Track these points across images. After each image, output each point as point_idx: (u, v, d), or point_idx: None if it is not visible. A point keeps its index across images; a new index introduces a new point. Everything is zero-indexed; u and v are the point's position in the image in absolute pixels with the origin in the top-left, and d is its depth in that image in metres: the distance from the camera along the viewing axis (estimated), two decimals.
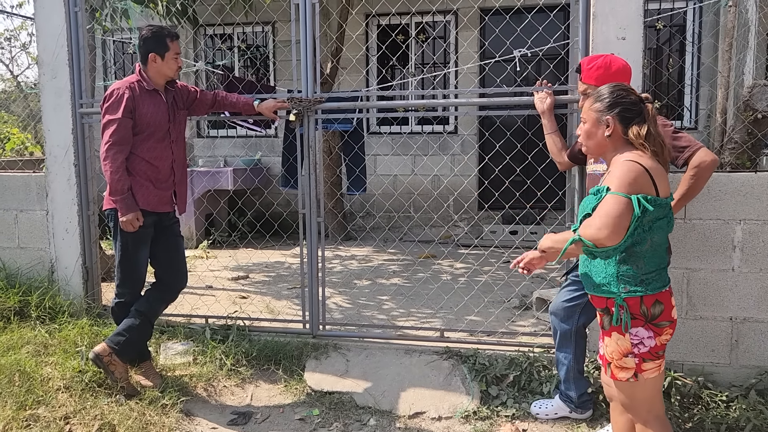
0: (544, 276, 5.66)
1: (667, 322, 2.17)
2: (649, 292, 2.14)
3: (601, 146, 2.25)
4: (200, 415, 3.24)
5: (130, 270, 3.36)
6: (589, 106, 2.25)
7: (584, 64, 2.82)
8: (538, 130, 4.38)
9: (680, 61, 7.89)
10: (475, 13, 7.87)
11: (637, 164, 2.10)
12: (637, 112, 2.17)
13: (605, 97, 2.21)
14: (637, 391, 2.23)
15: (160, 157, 3.34)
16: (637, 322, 2.15)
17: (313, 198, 3.89)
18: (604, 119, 2.20)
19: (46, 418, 3.04)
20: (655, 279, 2.15)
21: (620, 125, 2.18)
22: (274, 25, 8.66)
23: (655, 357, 2.18)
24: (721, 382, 3.26)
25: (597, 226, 2.06)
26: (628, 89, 2.22)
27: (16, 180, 4.39)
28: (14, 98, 14.42)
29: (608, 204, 2.06)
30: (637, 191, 2.06)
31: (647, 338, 2.15)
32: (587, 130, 2.27)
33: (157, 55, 3.28)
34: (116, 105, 3.21)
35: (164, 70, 3.33)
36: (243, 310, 4.56)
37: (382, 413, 3.27)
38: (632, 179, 2.06)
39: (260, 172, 8.30)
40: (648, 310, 2.14)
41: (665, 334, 2.18)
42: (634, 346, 2.16)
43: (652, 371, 2.19)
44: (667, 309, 2.17)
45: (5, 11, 12.58)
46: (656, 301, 2.14)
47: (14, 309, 4.15)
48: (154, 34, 3.29)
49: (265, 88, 5.25)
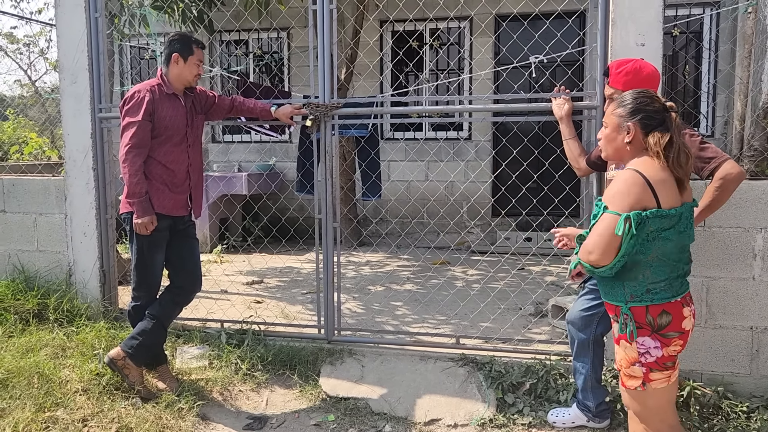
0: (559, 284, 5.62)
1: (675, 333, 2.12)
2: (656, 301, 2.10)
3: (620, 152, 2.22)
4: (216, 419, 3.25)
5: (146, 273, 3.38)
6: (612, 111, 2.23)
7: (613, 67, 2.79)
8: (554, 137, 4.36)
9: (697, 68, 7.83)
10: (491, 19, 7.87)
11: (637, 174, 2.06)
12: (659, 120, 2.13)
13: (628, 103, 2.18)
14: (647, 400, 2.19)
15: (176, 161, 3.36)
16: (643, 332, 2.12)
17: (329, 203, 3.90)
18: (625, 125, 2.17)
19: (65, 420, 3.06)
20: (663, 289, 2.11)
21: (641, 132, 2.14)
22: (290, 32, 8.71)
23: (662, 368, 2.14)
24: (741, 392, 3.21)
25: (588, 249, 2.09)
26: (652, 96, 2.18)
27: (36, 184, 4.44)
28: (32, 103, 14.62)
29: (601, 224, 2.07)
30: (633, 206, 2.03)
31: (654, 348, 2.12)
32: (607, 134, 2.24)
33: (180, 57, 3.31)
34: (137, 108, 3.24)
35: (185, 74, 3.35)
36: (258, 315, 4.58)
37: (398, 420, 3.25)
38: (628, 193, 2.04)
39: (275, 178, 8.34)
40: (654, 320, 2.10)
41: (674, 345, 2.13)
42: (641, 355, 2.14)
43: (661, 381, 2.16)
44: (677, 320, 2.12)
45: (25, 17, 12.76)
46: (663, 311, 2.10)
47: (33, 311, 4.19)
48: (181, 37, 3.36)
49: (281, 94, 5.28)
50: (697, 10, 7.58)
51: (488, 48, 8.02)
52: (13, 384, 3.29)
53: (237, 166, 8.79)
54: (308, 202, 8.15)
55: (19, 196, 4.48)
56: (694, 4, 7.44)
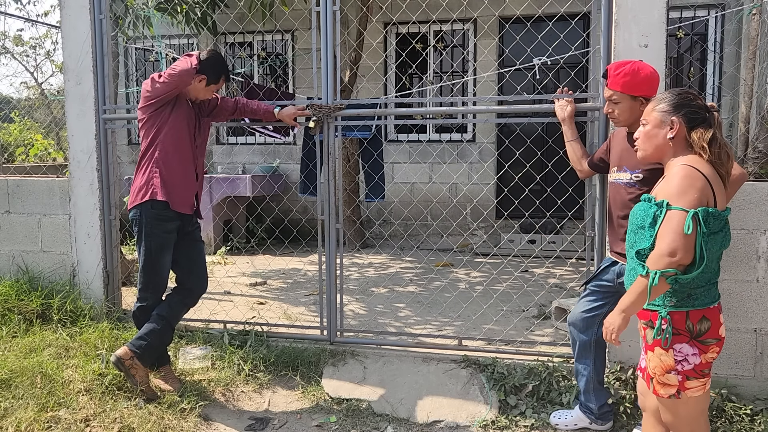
0: (563, 286, 5.61)
1: (713, 339, 2.08)
2: (697, 307, 2.05)
3: (661, 149, 2.17)
4: (218, 420, 3.25)
5: (154, 275, 3.39)
6: (653, 108, 2.19)
7: (611, 69, 2.79)
8: (557, 139, 4.36)
9: (702, 70, 7.81)
10: (495, 21, 7.87)
11: (693, 169, 2.01)
12: (703, 116, 2.10)
13: (671, 99, 2.15)
14: (680, 408, 2.14)
15: (187, 159, 3.41)
16: (681, 338, 2.07)
17: (332, 205, 3.91)
18: (668, 120, 2.13)
19: (67, 420, 3.07)
20: (704, 294, 2.07)
21: (685, 127, 2.10)
22: (294, 33, 8.73)
23: (699, 375, 2.09)
24: (745, 395, 3.20)
25: (668, 252, 1.96)
26: (695, 94, 2.16)
27: (40, 184, 4.46)
28: (38, 105, 14.69)
29: (671, 222, 1.97)
30: (700, 200, 1.96)
31: (692, 355, 2.07)
32: (648, 131, 2.19)
33: (205, 79, 3.34)
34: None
35: (199, 94, 3.41)
36: (261, 316, 4.58)
37: (400, 421, 3.25)
38: (692, 188, 1.97)
39: (278, 179, 8.35)
40: (694, 326, 2.05)
41: (711, 351, 2.09)
42: (678, 362, 2.08)
43: (697, 390, 2.10)
44: (715, 326, 2.07)
45: (31, 20, 12.83)
46: (703, 317, 2.06)
47: (37, 312, 4.21)
48: (216, 62, 3.37)
49: (285, 95, 5.29)
50: (701, 11, 7.56)
51: (492, 50, 8.02)
52: (17, 384, 3.31)
53: (241, 167, 8.81)
54: (311, 204, 8.16)
55: (23, 196, 4.50)
56: (699, 6, 7.43)
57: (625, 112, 2.76)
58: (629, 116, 2.75)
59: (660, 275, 1.97)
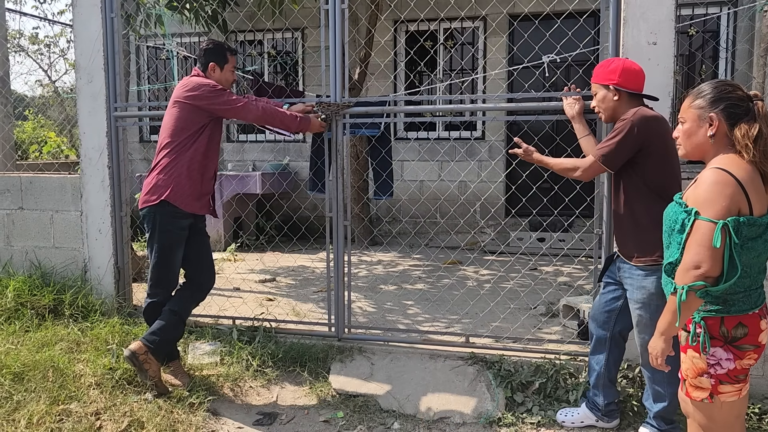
0: (571, 283, 5.60)
1: (751, 346, 1.96)
2: (732, 313, 1.94)
3: (700, 148, 2.02)
4: (226, 414, 3.28)
5: (166, 272, 3.42)
6: (690, 104, 2.04)
7: (596, 67, 2.87)
8: (566, 136, 4.35)
9: (713, 67, 7.76)
10: (504, 18, 7.85)
11: (726, 174, 1.87)
12: (745, 109, 1.93)
13: (707, 93, 1.99)
14: (714, 413, 2.03)
15: (214, 159, 3.48)
16: (715, 342, 1.96)
17: (340, 202, 3.92)
18: (706, 116, 1.97)
19: (78, 413, 3.11)
20: (741, 300, 1.94)
21: (726, 123, 1.95)
22: (303, 31, 8.76)
23: (734, 381, 1.98)
24: (753, 393, 3.18)
25: (693, 265, 1.87)
26: (734, 84, 1.99)
27: (53, 181, 4.52)
28: (52, 103, 14.82)
29: (698, 234, 1.87)
30: (729, 210, 1.84)
31: (725, 360, 1.96)
32: (687, 129, 2.04)
33: (217, 66, 3.44)
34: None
35: (222, 81, 3.47)
36: (269, 312, 4.61)
37: (406, 417, 3.27)
38: (722, 196, 1.85)
39: (288, 177, 8.39)
40: (729, 332, 1.95)
41: (748, 358, 1.97)
42: (710, 366, 1.98)
43: (731, 395, 1.99)
44: (753, 332, 1.96)
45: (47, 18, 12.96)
46: (739, 323, 1.94)
47: (49, 307, 4.26)
48: (215, 46, 3.48)
49: (294, 93, 5.31)
50: (713, 9, 7.51)
51: (501, 47, 8.00)
52: (29, 377, 3.36)
53: (251, 165, 8.86)
54: (320, 201, 8.19)
55: (36, 193, 4.55)
56: (711, 3, 7.38)
57: (601, 103, 2.84)
58: (604, 107, 2.83)
59: (688, 290, 1.88)
